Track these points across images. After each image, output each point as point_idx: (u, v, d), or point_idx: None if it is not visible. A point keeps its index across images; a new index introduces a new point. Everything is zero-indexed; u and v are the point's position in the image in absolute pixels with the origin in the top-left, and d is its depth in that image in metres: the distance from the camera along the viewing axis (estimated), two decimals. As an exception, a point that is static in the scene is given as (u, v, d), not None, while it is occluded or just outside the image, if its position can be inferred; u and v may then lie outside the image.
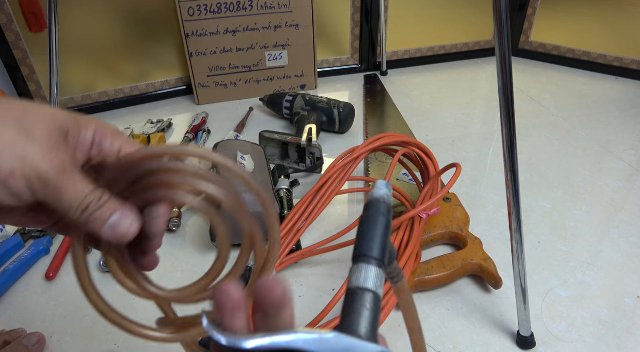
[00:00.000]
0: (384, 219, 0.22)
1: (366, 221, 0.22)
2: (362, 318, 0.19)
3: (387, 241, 0.22)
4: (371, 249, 0.21)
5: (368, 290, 0.20)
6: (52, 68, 0.81)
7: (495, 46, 0.47)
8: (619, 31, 1.21)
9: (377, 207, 0.22)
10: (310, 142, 0.88)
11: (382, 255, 0.21)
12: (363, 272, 0.21)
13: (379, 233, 0.22)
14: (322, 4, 1.20)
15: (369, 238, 0.22)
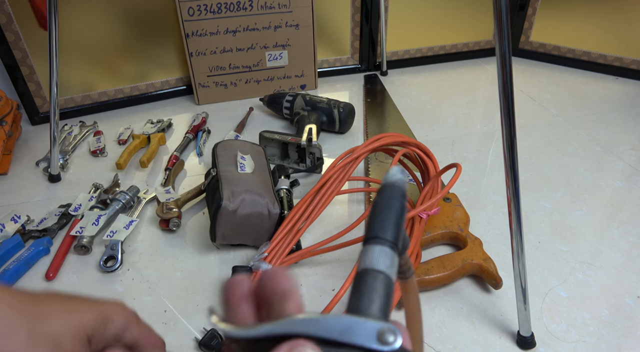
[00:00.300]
0: (399, 202, 0.20)
1: (380, 203, 0.20)
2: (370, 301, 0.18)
3: (401, 225, 0.20)
4: (384, 230, 0.19)
5: (379, 271, 0.18)
6: (52, 68, 0.81)
7: (495, 46, 0.47)
8: (619, 31, 1.21)
9: (391, 190, 0.21)
10: (310, 142, 0.88)
11: (396, 238, 0.20)
12: (374, 253, 0.19)
13: (393, 216, 0.20)
14: (322, 4, 1.20)
15: (382, 219, 0.20)
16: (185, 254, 0.73)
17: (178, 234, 0.77)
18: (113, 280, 0.69)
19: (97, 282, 0.69)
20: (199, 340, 0.58)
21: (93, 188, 0.86)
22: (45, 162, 0.95)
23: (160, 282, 0.68)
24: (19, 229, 0.76)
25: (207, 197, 0.75)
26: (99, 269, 0.70)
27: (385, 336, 0.16)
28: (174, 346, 0.59)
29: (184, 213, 0.80)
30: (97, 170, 0.93)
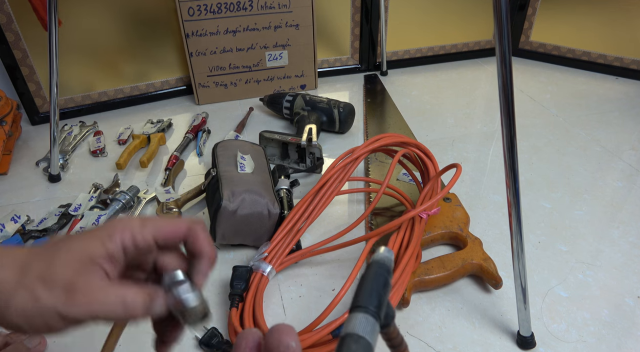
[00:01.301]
0: (383, 277, 0.23)
1: (366, 276, 0.23)
2: None
3: (384, 296, 0.23)
4: (367, 300, 0.22)
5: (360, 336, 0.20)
6: (52, 68, 0.81)
7: (495, 46, 0.47)
8: (619, 31, 1.21)
9: (378, 266, 0.24)
10: (310, 142, 0.88)
11: (378, 308, 0.22)
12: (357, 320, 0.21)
13: (377, 287, 0.23)
14: (322, 4, 1.20)
15: (367, 291, 0.22)
16: (185, 254, 0.73)
17: (178, 234, 0.76)
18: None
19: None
20: (199, 339, 0.58)
21: (93, 188, 0.86)
22: (45, 162, 0.95)
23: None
24: (19, 229, 0.76)
25: (207, 197, 0.75)
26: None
27: None
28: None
29: (184, 213, 0.80)
30: (97, 170, 0.94)
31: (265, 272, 0.63)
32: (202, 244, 0.31)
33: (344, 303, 0.63)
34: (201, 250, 0.31)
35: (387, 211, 0.79)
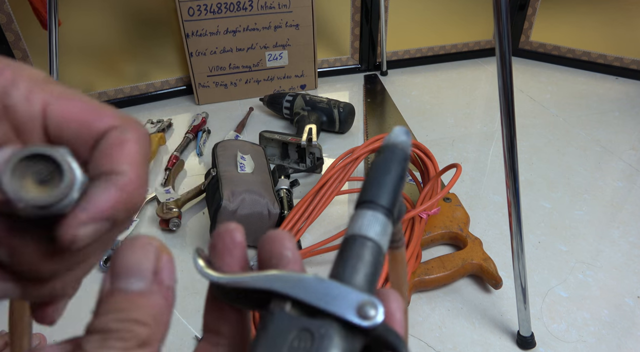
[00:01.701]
0: (399, 166, 0.18)
1: (378, 165, 0.18)
2: (355, 270, 0.16)
3: (399, 192, 0.18)
4: (379, 195, 0.17)
5: (368, 238, 0.17)
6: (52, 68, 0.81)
7: (495, 46, 0.47)
8: (619, 31, 1.21)
9: (392, 152, 0.18)
10: (310, 142, 0.88)
11: (392, 204, 0.18)
12: (366, 219, 0.17)
13: (391, 180, 0.18)
14: (322, 4, 1.20)
15: (379, 183, 0.18)
16: (185, 254, 0.73)
17: (178, 234, 0.77)
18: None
19: (98, 281, 0.68)
20: (199, 339, 0.58)
21: (93, 188, 0.86)
22: (45, 162, 0.95)
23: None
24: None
25: (207, 197, 0.75)
26: (99, 269, 0.70)
27: (366, 309, 0.15)
28: (174, 345, 0.59)
29: (184, 213, 0.80)
30: (97, 170, 0.93)
31: (265, 272, 0.63)
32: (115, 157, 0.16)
33: (344, 303, 0.63)
34: (108, 167, 0.16)
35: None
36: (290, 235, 0.18)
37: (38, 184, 0.14)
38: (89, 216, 0.15)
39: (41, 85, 0.16)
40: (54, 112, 0.16)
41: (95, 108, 0.17)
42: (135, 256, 0.15)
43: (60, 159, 0.15)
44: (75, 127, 0.16)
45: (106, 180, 0.16)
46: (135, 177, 0.16)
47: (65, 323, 0.63)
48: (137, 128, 0.17)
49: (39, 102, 0.16)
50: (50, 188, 0.15)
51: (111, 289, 0.15)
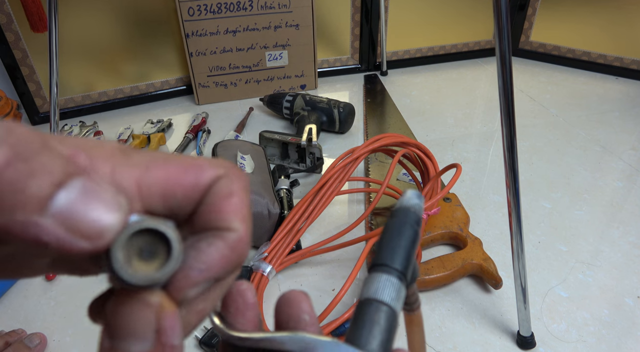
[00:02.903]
0: (412, 230, 0.19)
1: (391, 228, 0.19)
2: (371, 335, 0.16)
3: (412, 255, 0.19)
4: (393, 258, 0.18)
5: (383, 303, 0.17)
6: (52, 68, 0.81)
7: (495, 46, 0.47)
8: (619, 31, 1.21)
9: (405, 215, 0.19)
10: (310, 142, 0.88)
11: (405, 268, 0.18)
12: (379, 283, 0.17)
13: (404, 243, 0.18)
14: (322, 4, 1.20)
15: (392, 247, 0.18)
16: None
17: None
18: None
19: (98, 282, 0.68)
20: (199, 338, 0.58)
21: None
22: (45, 162, 0.95)
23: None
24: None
25: (207, 197, 0.75)
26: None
27: None
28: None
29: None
30: (97, 170, 0.93)
31: (265, 272, 0.63)
32: (225, 212, 0.16)
33: (344, 303, 0.63)
34: (218, 224, 0.16)
35: (387, 211, 0.79)
36: (307, 296, 0.18)
37: (139, 257, 0.14)
38: (200, 276, 0.15)
39: (122, 160, 0.15)
40: (150, 182, 0.15)
41: (191, 164, 0.15)
42: (133, 314, 0.14)
43: (170, 236, 0.14)
44: (180, 191, 0.15)
45: (216, 236, 0.15)
46: (245, 234, 0.16)
47: (66, 323, 0.64)
48: (241, 176, 0.16)
49: (128, 178, 0.14)
50: (153, 262, 0.14)
51: (110, 348, 0.14)
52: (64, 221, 0.12)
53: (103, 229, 0.13)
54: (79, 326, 0.62)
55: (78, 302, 0.66)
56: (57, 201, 0.12)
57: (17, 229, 0.12)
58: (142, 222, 0.14)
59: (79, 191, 0.12)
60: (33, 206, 0.12)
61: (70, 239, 0.12)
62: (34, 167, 0.12)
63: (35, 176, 0.12)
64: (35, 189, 0.12)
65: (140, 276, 0.14)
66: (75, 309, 0.65)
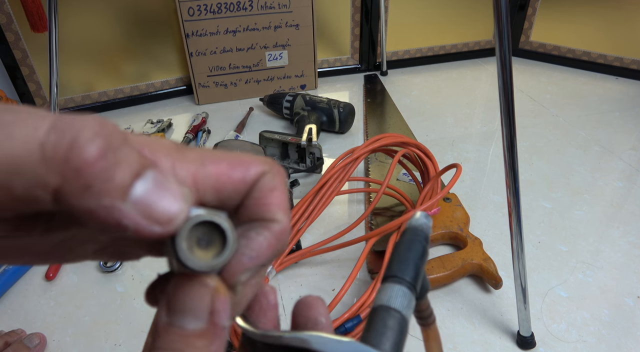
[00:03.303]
0: (421, 245, 0.21)
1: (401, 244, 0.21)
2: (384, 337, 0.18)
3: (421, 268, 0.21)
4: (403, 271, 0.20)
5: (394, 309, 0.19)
6: (52, 68, 0.81)
7: (495, 46, 0.47)
8: (619, 31, 1.21)
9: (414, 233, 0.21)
10: (310, 142, 0.88)
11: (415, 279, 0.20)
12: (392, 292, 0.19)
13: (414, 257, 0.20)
14: (322, 4, 1.20)
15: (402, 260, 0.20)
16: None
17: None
18: (113, 280, 0.69)
19: (97, 282, 0.69)
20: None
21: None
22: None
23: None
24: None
25: (207, 197, 0.75)
26: (99, 269, 0.70)
27: None
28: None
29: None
30: (97, 170, 0.93)
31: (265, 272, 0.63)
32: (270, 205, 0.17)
33: (344, 303, 0.63)
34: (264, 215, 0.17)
35: (387, 211, 0.79)
36: (323, 301, 0.20)
37: (197, 245, 0.15)
38: (251, 263, 0.16)
39: (179, 156, 0.16)
40: (204, 177, 0.16)
41: (239, 161, 0.17)
42: (192, 295, 0.16)
43: (226, 227, 0.16)
44: (230, 185, 0.17)
45: (263, 226, 0.17)
46: (287, 225, 0.17)
47: (66, 323, 0.64)
48: (281, 172, 0.18)
49: (186, 172, 0.16)
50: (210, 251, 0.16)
51: (168, 323, 0.15)
52: (141, 207, 0.14)
53: (172, 216, 0.14)
54: (78, 326, 0.62)
55: (78, 302, 0.66)
56: (136, 189, 0.13)
57: (102, 214, 0.13)
58: (204, 215, 0.15)
59: (152, 181, 0.14)
60: (117, 193, 0.13)
61: (145, 224, 0.14)
62: (119, 158, 0.13)
63: (120, 166, 0.13)
64: (119, 177, 0.13)
65: (201, 262, 0.15)
66: (75, 309, 0.65)
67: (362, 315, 0.55)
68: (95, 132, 0.13)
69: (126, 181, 0.13)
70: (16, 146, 0.12)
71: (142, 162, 0.14)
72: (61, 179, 0.12)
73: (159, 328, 0.15)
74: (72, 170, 0.12)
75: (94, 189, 0.13)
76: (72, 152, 0.12)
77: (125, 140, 0.14)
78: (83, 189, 0.13)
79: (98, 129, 0.13)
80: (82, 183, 0.13)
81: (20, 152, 0.12)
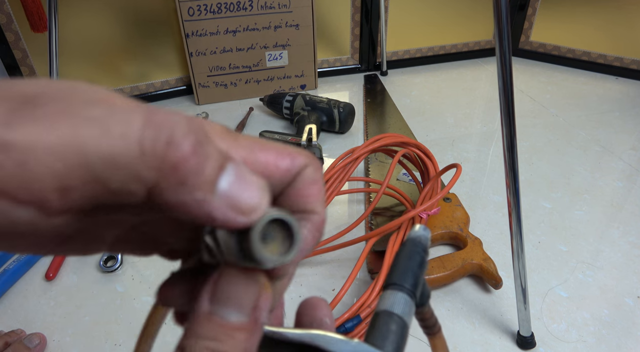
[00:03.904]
0: (420, 255, 0.22)
1: (400, 254, 0.23)
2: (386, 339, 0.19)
3: (420, 276, 0.22)
4: (402, 278, 0.21)
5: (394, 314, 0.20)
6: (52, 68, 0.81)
7: (495, 46, 0.47)
8: (619, 31, 1.21)
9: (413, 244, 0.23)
10: (310, 142, 0.88)
11: (414, 286, 0.22)
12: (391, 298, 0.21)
13: (413, 266, 0.22)
14: (322, 4, 1.20)
15: (402, 269, 0.22)
16: (185, 254, 0.73)
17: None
18: (113, 280, 0.69)
19: (97, 282, 0.69)
20: None
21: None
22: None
23: (160, 282, 0.68)
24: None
25: (207, 197, 0.75)
26: (99, 269, 0.70)
27: None
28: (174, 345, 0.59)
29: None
30: (97, 170, 0.93)
31: (265, 272, 0.63)
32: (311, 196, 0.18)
33: (344, 303, 0.63)
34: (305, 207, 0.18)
35: (387, 211, 0.79)
36: (327, 303, 0.21)
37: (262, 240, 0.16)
38: (299, 255, 0.17)
39: (232, 141, 0.16)
40: (256, 164, 0.16)
41: (286, 152, 0.17)
42: (241, 288, 0.16)
43: (293, 225, 0.16)
44: (277, 174, 0.17)
45: (305, 219, 0.17)
46: (324, 217, 0.18)
47: (66, 323, 0.64)
48: (320, 166, 0.18)
49: (238, 155, 0.16)
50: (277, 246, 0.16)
51: (209, 312, 0.16)
52: (228, 199, 0.14)
53: (255, 206, 0.15)
54: (79, 326, 0.62)
55: (78, 302, 0.66)
56: (221, 182, 0.14)
57: (194, 207, 0.14)
58: (278, 213, 0.16)
59: (234, 174, 0.14)
60: (208, 186, 0.14)
61: (233, 215, 0.14)
62: (207, 152, 0.14)
63: (208, 160, 0.14)
64: (208, 172, 0.14)
65: (272, 258, 0.16)
66: (75, 309, 0.65)
67: (362, 315, 0.55)
68: (188, 128, 0.13)
69: (214, 174, 0.14)
70: (115, 143, 0.12)
71: (223, 156, 0.14)
72: (158, 174, 0.13)
73: (199, 315, 0.15)
74: (169, 166, 0.13)
75: (188, 184, 0.13)
76: (170, 149, 0.13)
77: (206, 133, 0.14)
78: (178, 185, 0.13)
79: (189, 124, 0.13)
80: (177, 179, 0.13)
81: (119, 148, 0.12)
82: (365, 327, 0.54)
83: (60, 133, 0.12)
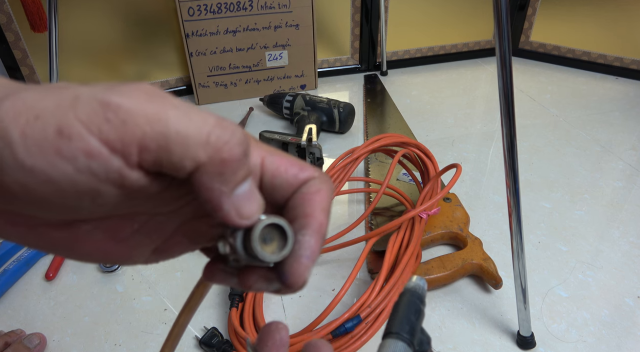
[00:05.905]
0: (416, 304, 0.24)
1: (398, 304, 0.24)
2: None
3: (417, 324, 0.24)
4: (400, 327, 0.23)
5: None
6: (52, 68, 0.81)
7: (495, 46, 0.47)
8: (619, 31, 1.21)
9: (410, 294, 0.25)
10: (310, 142, 0.88)
11: (412, 335, 0.23)
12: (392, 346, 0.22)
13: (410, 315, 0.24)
14: (322, 4, 1.20)
15: (400, 318, 0.23)
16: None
17: (178, 234, 0.76)
18: (113, 280, 0.69)
19: (97, 282, 0.69)
20: (199, 338, 0.58)
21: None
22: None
23: (160, 282, 0.68)
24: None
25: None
26: (99, 269, 0.70)
27: None
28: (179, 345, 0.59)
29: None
30: (97, 170, 0.93)
31: (265, 272, 0.63)
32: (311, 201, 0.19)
33: (343, 303, 0.63)
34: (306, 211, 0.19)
35: (387, 211, 0.79)
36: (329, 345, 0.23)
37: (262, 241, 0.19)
38: (310, 260, 0.19)
39: (255, 143, 0.20)
40: (271, 165, 0.20)
41: (298, 162, 0.21)
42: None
43: (287, 229, 0.19)
44: (286, 177, 0.20)
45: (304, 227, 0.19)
46: (326, 222, 0.20)
47: (66, 323, 0.64)
48: (329, 180, 0.21)
49: (257, 156, 0.20)
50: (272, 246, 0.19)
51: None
52: (237, 202, 0.18)
53: (251, 215, 0.18)
54: (78, 326, 0.62)
55: (78, 302, 0.66)
56: (240, 188, 0.18)
57: (215, 194, 0.17)
58: (273, 219, 0.19)
59: (248, 187, 0.18)
60: (232, 185, 0.17)
61: (235, 214, 0.18)
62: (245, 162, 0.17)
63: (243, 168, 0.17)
64: (238, 176, 0.17)
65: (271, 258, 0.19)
66: (75, 309, 0.65)
67: (362, 315, 0.55)
68: (243, 139, 0.17)
69: (239, 180, 0.17)
70: (193, 127, 0.16)
71: (250, 170, 0.18)
72: (208, 160, 0.16)
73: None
74: (219, 158, 0.16)
75: (224, 177, 0.17)
76: (225, 147, 0.16)
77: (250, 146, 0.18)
78: (217, 173, 0.16)
79: (244, 136, 0.17)
80: (219, 169, 0.16)
81: (193, 132, 0.16)
82: (365, 327, 0.54)
83: (154, 106, 0.15)
